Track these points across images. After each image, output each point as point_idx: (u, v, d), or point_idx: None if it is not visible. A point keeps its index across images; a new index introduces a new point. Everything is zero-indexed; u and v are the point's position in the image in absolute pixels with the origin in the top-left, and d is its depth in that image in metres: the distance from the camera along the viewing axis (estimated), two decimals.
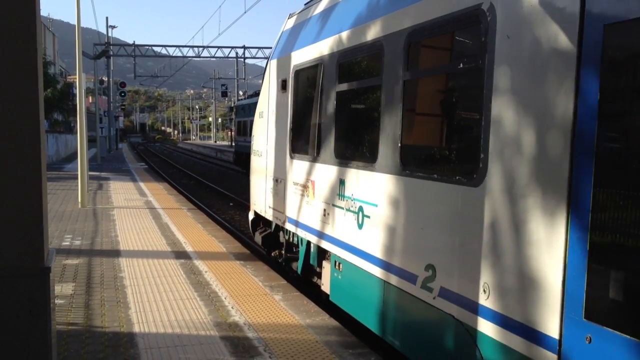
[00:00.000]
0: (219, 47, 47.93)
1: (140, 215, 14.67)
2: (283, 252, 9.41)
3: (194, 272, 8.90)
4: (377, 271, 5.96)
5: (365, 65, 6.65)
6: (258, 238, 10.57)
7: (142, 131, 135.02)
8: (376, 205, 5.96)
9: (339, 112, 7.00)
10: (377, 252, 5.95)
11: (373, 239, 6.02)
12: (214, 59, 49.34)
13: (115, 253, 10.13)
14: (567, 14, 3.55)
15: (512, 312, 4.02)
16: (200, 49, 48.42)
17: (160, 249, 10.53)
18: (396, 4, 5.76)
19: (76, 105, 17.83)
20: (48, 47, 57.85)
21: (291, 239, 8.97)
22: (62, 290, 7.75)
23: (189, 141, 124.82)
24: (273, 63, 9.66)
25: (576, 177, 3.50)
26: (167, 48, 51.08)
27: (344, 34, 6.86)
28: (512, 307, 4.03)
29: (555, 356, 3.63)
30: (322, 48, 7.55)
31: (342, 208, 6.80)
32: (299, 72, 8.41)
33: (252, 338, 6.14)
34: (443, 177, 4.86)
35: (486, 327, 4.30)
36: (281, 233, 9.47)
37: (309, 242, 8.10)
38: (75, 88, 19.42)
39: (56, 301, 6.92)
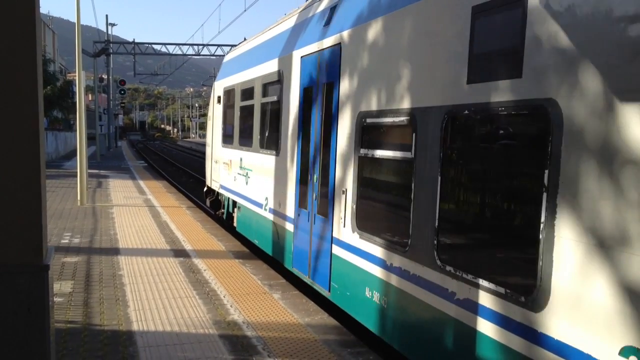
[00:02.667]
0: (218, 45, 47.88)
1: (140, 213, 14.67)
2: (222, 210, 13.94)
3: (193, 270, 8.90)
4: (252, 207, 10.71)
5: (251, 92, 10.79)
6: (208, 202, 15.49)
7: (141, 129, 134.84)
8: (252, 170, 10.66)
9: (240, 118, 11.63)
10: (252, 196, 10.70)
11: (251, 189, 10.77)
12: (213, 57, 49.21)
13: (114, 251, 10.13)
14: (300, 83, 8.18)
15: (284, 210, 8.73)
16: (200, 47, 48.32)
17: (159, 247, 10.53)
18: (261, 60, 10.26)
19: (76, 102, 17.81)
20: (48, 45, 57.81)
21: (223, 199, 13.91)
22: (61, 288, 7.75)
23: (188, 139, 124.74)
24: (216, 84, 14.55)
25: (299, 148, 8.12)
26: (167, 46, 50.91)
27: (244, 72, 11.39)
28: (284, 208, 8.69)
29: (292, 224, 8.32)
30: (235, 78, 12.16)
31: (241, 175, 11.45)
32: (226, 92, 13.03)
33: (251, 337, 6.14)
34: (270, 151, 9.48)
35: (279, 221, 8.97)
36: (221, 197, 14.11)
37: (228, 198, 13.01)
38: (75, 86, 19.42)
39: (55, 299, 6.93)
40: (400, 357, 5.76)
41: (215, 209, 14.84)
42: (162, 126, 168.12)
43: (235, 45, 16.05)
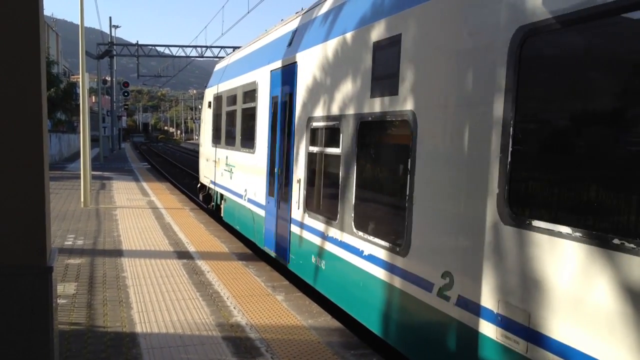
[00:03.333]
0: (222, 47, 47.79)
1: (143, 215, 14.68)
2: (213, 203, 15.75)
3: (196, 272, 8.90)
4: (234, 197, 12.60)
5: (234, 99, 12.64)
6: (201, 197, 17.56)
7: (144, 131, 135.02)
8: (235, 166, 12.47)
9: (226, 121, 13.54)
10: (234, 188, 12.51)
11: (234, 183, 12.57)
12: (217, 58, 49.17)
13: (118, 253, 10.14)
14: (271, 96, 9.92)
15: (258, 198, 10.51)
16: (204, 49, 48.31)
17: (163, 249, 10.54)
18: (242, 71, 12.13)
19: (79, 104, 17.84)
20: (51, 47, 57.95)
21: (212, 193, 15.81)
22: (65, 289, 7.75)
23: (191, 141, 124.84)
24: (207, 91, 16.49)
25: (269, 146, 9.76)
26: (170, 48, 51.25)
27: (230, 81, 13.28)
28: (258, 197, 10.47)
29: (263, 210, 10.04)
30: (222, 86, 14.05)
31: (226, 170, 13.32)
32: (216, 98, 14.91)
33: (254, 339, 6.13)
34: (248, 150, 11.14)
35: (254, 208, 10.74)
36: (211, 192, 16.01)
37: (217, 192, 14.98)
38: (79, 88, 19.48)
39: (58, 301, 6.93)
40: (404, 358, 5.74)
41: (207, 202, 16.73)
42: (166, 128, 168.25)
43: (238, 47, 16.46)
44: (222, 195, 14.18)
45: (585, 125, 3.67)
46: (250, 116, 11.15)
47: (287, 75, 8.91)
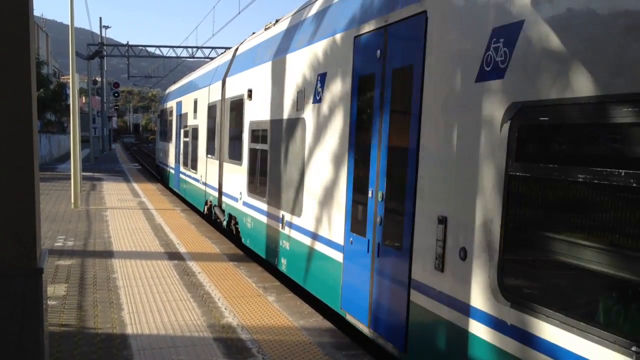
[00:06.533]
0: (212, 48, 47.69)
1: (134, 216, 14.64)
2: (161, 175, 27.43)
3: (187, 273, 8.88)
4: (167, 168, 24.33)
5: (166, 113, 25.20)
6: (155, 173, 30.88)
7: (135, 132, 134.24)
8: (166, 151, 24.45)
9: (165, 126, 25.62)
10: (167, 163, 24.44)
11: (166, 160, 24.65)
12: (207, 59, 49.10)
13: (108, 254, 10.10)
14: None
15: (172, 165, 22.61)
16: (194, 49, 48.23)
17: (154, 250, 10.51)
18: (170, 99, 23.92)
19: (69, 105, 17.77)
20: (41, 47, 57.52)
21: (161, 169, 27.96)
22: (55, 291, 7.72)
23: None
24: (160, 106, 29.83)
25: (174, 139, 22.05)
26: (161, 48, 50.83)
27: (165, 104, 26.16)
28: (172, 165, 22.64)
29: (174, 171, 22.17)
30: (165, 105, 25.82)
31: (164, 154, 25.34)
32: (161, 111, 28.19)
33: (246, 339, 6.14)
34: (169, 142, 23.22)
35: (171, 171, 22.92)
36: (160, 168, 28.07)
37: (162, 167, 27.08)
38: (69, 88, 19.46)
39: (49, 302, 6.88)
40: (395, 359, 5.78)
41: (159, 175, 28.21)
42: (156, 128, 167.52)
43: (229, 48, 19.64)
44: (164, 169, 25.41)
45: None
46: (171, 124, 22.16)
47: (180, 105, 19.50)
